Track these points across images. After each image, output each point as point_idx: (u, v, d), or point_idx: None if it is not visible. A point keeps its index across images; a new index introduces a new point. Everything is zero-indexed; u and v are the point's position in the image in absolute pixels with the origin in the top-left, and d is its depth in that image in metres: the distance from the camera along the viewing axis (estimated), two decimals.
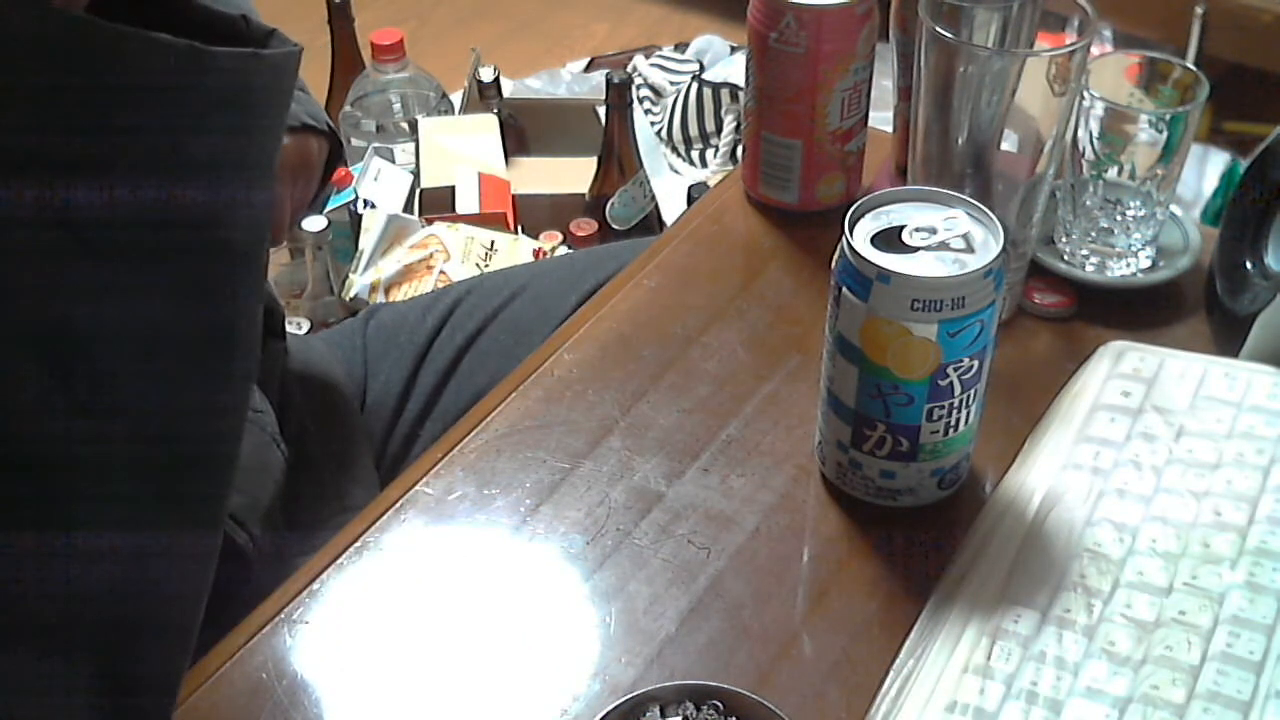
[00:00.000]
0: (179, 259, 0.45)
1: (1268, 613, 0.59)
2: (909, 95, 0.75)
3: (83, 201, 0.42)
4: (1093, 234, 0.79)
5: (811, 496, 0.69)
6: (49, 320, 0.43)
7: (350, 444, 0.89)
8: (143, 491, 0.46)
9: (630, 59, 2.06)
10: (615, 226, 1.61)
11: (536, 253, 1.53)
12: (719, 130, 1.88)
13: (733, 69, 1.92)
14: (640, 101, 1.93)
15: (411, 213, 1.61)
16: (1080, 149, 0.77)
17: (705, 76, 1.92)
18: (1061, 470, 0.67)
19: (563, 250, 1.56)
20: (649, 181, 1.65)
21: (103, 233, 0.43)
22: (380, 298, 1.49)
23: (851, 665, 0.61)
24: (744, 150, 0.87)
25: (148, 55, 0.42)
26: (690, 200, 1.70)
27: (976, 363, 0.62)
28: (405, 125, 1.76)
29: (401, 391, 0.92)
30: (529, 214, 1.63)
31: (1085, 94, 0.74)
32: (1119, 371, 0.72)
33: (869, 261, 0.60)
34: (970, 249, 0.61)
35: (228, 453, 0.50)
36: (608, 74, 1.61)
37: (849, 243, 0.61)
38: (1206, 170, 1.79)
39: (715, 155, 1.87)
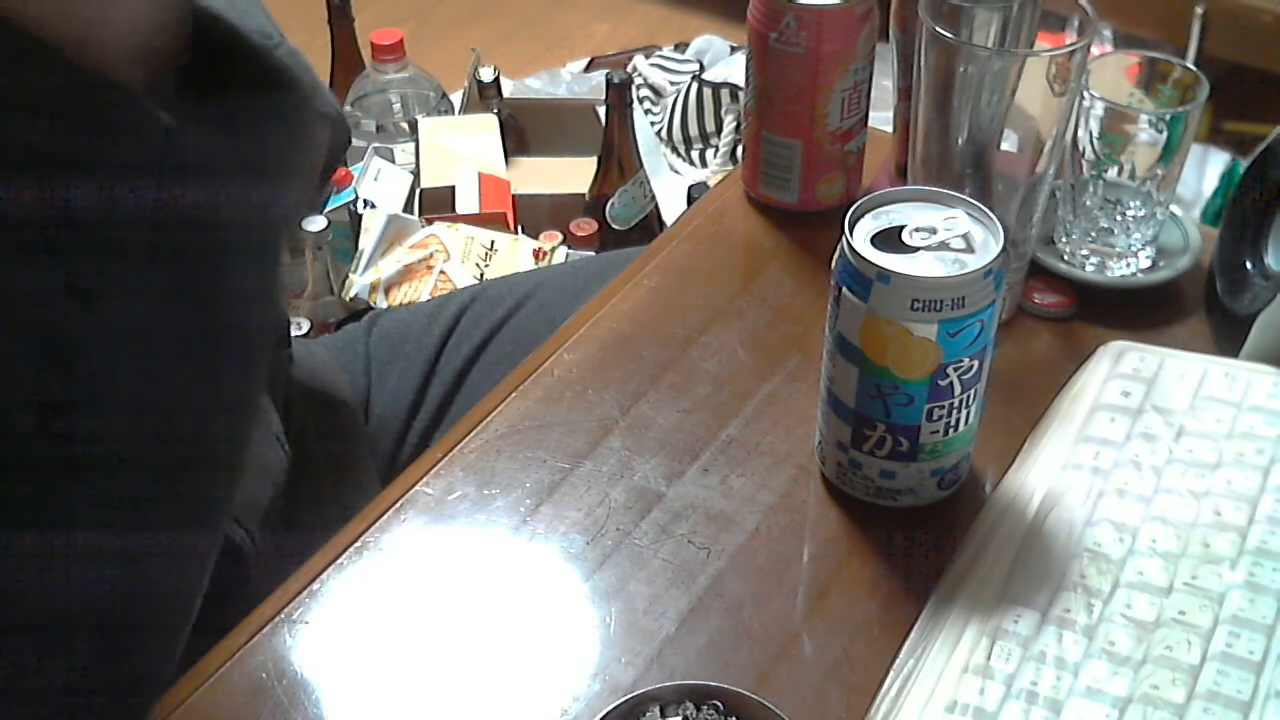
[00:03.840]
0: (177, 257, 0.45)
1: (1268, 613, 0.59)
2: (909, 95, 0.75)
3: (80, 201, 0.42)
4: (1093, 234, 0.79)
5: (811, 496, 0.69)
6: (47, 320, 0.43)
7: (351, 448, 0.89)
8: (143, 491, 0.46)
9: (630, 59, 2.06)
10: (615, 226, 1.61)
11: (537, 253, 1.53)
12: (719, 130, 1.88)
13: (733, 69, 1.92)
14: (640, 101, 1.93)
15: (411, 213, 1.60)
16: (1080, 149, 0.77)
17: (705, 76, 1.92)
18: (1061, 470, 0.67)
19: (563, 250, 1.56)
20: (649, 181, 1.65)
21: (100, 233, 0.43)
22: (380, 298, 1.49)
23: (851, 665, 0.61)
24: (744, 150, 0.87)
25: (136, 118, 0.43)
26: (690, 200, 1.70)
27: (976, 363, 0.62)
28: (405, 125, 1.76)
29: (411, 403, 0.92)
30: (529, 214, 1.63)
31: (1085, 94, 0.74)
32: (1119, 371, 0.72)
33: (869, 261, 0.60)
34: (970, 249, 0.61)
35: (229, 452, 0.50)
36: (608, 74, 1.60)
37: (849, 243, 0.61)
38: (1206, 170, 1.79)
39: (715, 155, 1.87)
